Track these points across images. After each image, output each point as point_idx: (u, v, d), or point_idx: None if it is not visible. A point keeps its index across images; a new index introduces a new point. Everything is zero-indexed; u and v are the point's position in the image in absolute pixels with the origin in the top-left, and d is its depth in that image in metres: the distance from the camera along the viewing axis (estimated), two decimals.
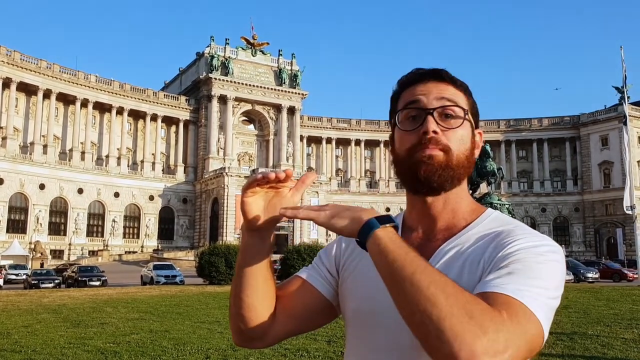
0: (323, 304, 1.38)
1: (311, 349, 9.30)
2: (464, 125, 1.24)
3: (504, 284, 1.02)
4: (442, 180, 1.22)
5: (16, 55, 65.24)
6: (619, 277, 36.31)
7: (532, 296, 1.01)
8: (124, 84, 75.77)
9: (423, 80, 1.28)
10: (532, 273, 1.04)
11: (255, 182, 1.18)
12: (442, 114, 1.23)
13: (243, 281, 1.26)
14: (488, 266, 1.12)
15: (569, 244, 79.71)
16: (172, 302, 19.45)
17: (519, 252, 1.09)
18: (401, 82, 1.32)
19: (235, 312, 1.30)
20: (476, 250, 1.19)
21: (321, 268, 1.41)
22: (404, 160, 1.24)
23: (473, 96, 1.32)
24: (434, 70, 1.29)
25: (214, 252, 32.27)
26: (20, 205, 65.34)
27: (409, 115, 1.25)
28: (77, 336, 11.38)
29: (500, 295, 1.00)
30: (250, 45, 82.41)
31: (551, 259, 1.09)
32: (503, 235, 1.17)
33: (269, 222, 1.21)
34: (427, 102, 1.24)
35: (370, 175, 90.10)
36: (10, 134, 64.75)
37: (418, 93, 1.26)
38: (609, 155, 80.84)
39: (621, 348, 9.34)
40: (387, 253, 1.03)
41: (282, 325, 1.32)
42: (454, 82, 1.28)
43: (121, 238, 72.91)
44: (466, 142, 1.25)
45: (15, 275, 40.48)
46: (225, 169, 72.21)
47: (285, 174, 1.17)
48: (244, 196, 1.19)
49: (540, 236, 1.15)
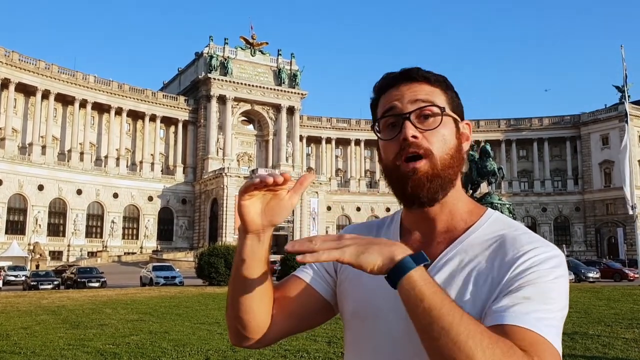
0: (321, 303, 1.36)
1: (311, 350, 9.26)
2: (444, 123, 1.22)
3: (524, 315, 1.03)
4: (432, 193, 1.20)
5: (14, 56, 65.16)
6: (620, 276, 36.25)
7: (552, 326, 1.04)
8: (122, 84, 75.71)
9: (396, 83, 1.26)
10: (548, 298, 1.06)
11: (252, 186, 1.15)
12: (419, 116, 1.21)
13: (240, 283, 1.25)
14: (498, 285, 1.11)
15: (569, 243, 79.64)
16: (172, 303, 19.41)
17: (531, 272, 1.09)
18: (376, 88, 1.30)
19: (232, 314, 1.29)
20: (481, 261, 1.17)
21: (319, 267, 1.38)
22: (392, 172, 1.23)
23: (453, 88, 1.29)
24: (404, 72, 1.27)
25: (214, 252, 32.21)
26: (19, 206, 65.28)
27: (388, 123, 1.23)
28: (77, 337, 11.35)
29: (526, 331, 1.01)
30: (249, 45, 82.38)
31: (560, 275, 1.10)
32: (508, 245, 1.15)
33: (266, 224, 1.19)
34: (402, 106, 1.22)
35: (370, 175, 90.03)
36: (8, 134, 64.69)
37: (393, 99, 1.24)
38: (610, 154, 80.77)
39: (622, 348, 9.31)
40: (423, 300, 0.98)
41: (279, 325, 1.32)
42: (428, 79, 1.25)
43: (120, 239, 72.84)
44: (449, 141, 1.22)
45: (14, 277, 40.45)
46: (224, 169, 72.18)
47: (283, 177, 1.14)
48: (241, 199, 1.16)
49: (545, 245, 1.14)
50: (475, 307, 1.12)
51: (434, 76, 1.26)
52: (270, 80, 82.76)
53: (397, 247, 1.04)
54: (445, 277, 1.18)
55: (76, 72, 71.27)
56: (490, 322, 1.05)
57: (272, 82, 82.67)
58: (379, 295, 1.21)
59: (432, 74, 1.27)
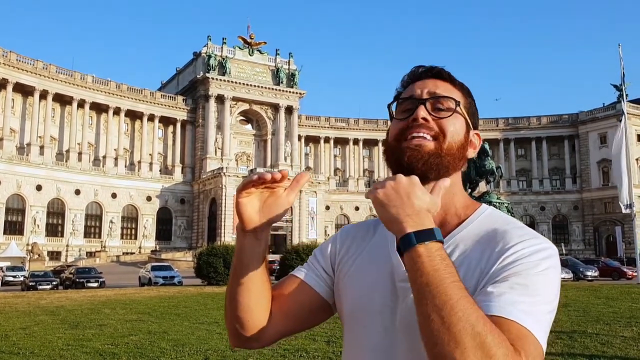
0: (319, 303, 1.36)
1: (310, 349, 9.26)
2: (455, 117, 1.25)
3: (509, 306, 1.03)
4: (427, 167, 1.20)
5: (12, 56, 65.07)
6: (618, 275, 36.35)
7: (538, 321, 1.03)
8: (120, 84, 75.63)
9: (422, 77, 1.30)
10: (535, 290, 1.06)
11: (250, 183, 1.17)
12: (434, 107, 1.24)
13: (239, 282, 1.26)
14: (486, 275, 1.11)
15: (568, 242, 79.80)
16: (171, 303, 19.39)
17: (519, 263, 1.09)
18: (403, 81, 1.34)
19: (231, 314, 1.29)
20: (473, 254, 1.17)
21: (317, 266, 1.39)
22: (392, 147, 1.25)
23: (473, 98, 1.33)
24: (433, 68, 1.31)
25: (212, 252, 32.22)
26: (17, 207, 65.21)
27: (405, 109, 1.27)
28: (76, 338, 11.33)
29: (511, 323, 1.01)
30: (247, 44, 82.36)
31: (549, 266, 1.09)
32: (498, 238, 1.16)
33: (264, 222, 1.21)
34: (421, 94, 1.26)
35: (369, 175, 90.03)
36: (6, 135, 64.62)
37: (415, 88, 1.29)
38: (608, 153, 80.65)
39: (621, 346, 9.31)
40: (422, 275, 1.00)
41: (278, 325, 1.32)
42: (453, 81, 1.30)
43: (119, 239, 72.79)
44: (458, 133, 1.25)
45: (12, 277, 40.40)
46: (222, 169, 72.15)
47: (280, 174, 1.16)
48: (239, 197, 1.18)
49: (535, 237, 1.14)
50: None
51: (458, 81, 1.32)
52: (268, 79, 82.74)
53: (414, 216, 1.05)
54: None
55: (74, 72, 71.19)
56: None
57: (270, 82, 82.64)
58: (377, 293, 1.23)
59: (457, 79, 1.32)
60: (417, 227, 1.04)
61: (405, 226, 1.05)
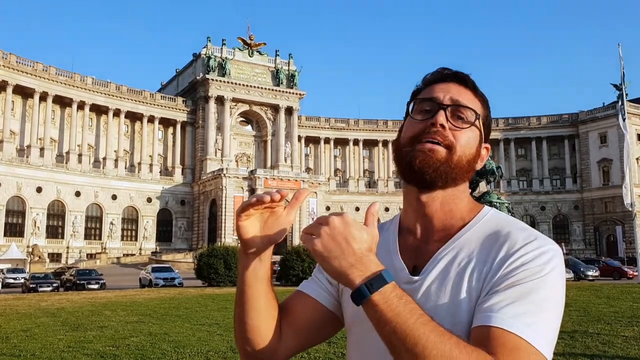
0: (327, 316, 1.36)
1: (311, 350, 9.25)
2: (472, 129, 1.25)
3: (510, 319, 1.03)
4: (436, 175, 1.21)
5: (12, 58, 65.11)
6: (619, 274, 36.31)
7: (539, 330, 1.03)
8: (120, 85, 75.66)
9: (445, 80, 1.29)
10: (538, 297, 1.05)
11: (249, 205, 1.16)
12: (454, 114, 1.24)
13: (245, 304, 1.25)
14: (490, 281, 1.11)
15: (568, 242, 79.73)
16: (171, 305, 19.38)
17: (522, 270, 1.09)
18: (425, 79, 1.33)
19: (240, 335, 1.30)
20: (476, 257, 1.17)
21: (321, 279, 1.38)
22: (405, 148, 1.24)
23: (490, 110, 1.33)
24: (458, 73, 1.31)
25: (213, 253, 32.22)
26: (17, 209, 65.22)
27: (423, 109, 1.26)
28: (76, 340, 11.32)
29: (509, 335, 1.01)
30: (247, 45, 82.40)
31: (552, 268, 1.10)
32: (502, 240, 1.16)
33: (265, 242, 1.21)
34: (443, 99, 1.25)
35: (369, 175, 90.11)
36: (6, 137, 64.64)
37: (437, 90, 1.27)
38: (608, 152, 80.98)
39: (622, 346, 9.30)
40: (386, 323, 1.01)
41: (289, 342, 1.32)
42: (475, 90, 1.30)
43: (119, 241, 72.79)
44: (472, 147, 1.25)
45: (13, 279, 40.38)
46: (223, 170, 72.15)
47: (279, 195, 1.17)
48: (239, 220, 1.17)
49: (538, 239, 1.14)
50: (471, 303, 1.12)
51: (480, 91, 1.31)
52: (268, 80, 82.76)
53: (360, 265, 1.03)
54: (440, 274, 1.18)
55: (74, 73, 71.23)
56: (478, 322, 1.07)
57: (270, 83, 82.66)
58: None
59: (479, 89, 1.32)
60: (364, 275, 1.03)
61: (352, 278, 1.03)
